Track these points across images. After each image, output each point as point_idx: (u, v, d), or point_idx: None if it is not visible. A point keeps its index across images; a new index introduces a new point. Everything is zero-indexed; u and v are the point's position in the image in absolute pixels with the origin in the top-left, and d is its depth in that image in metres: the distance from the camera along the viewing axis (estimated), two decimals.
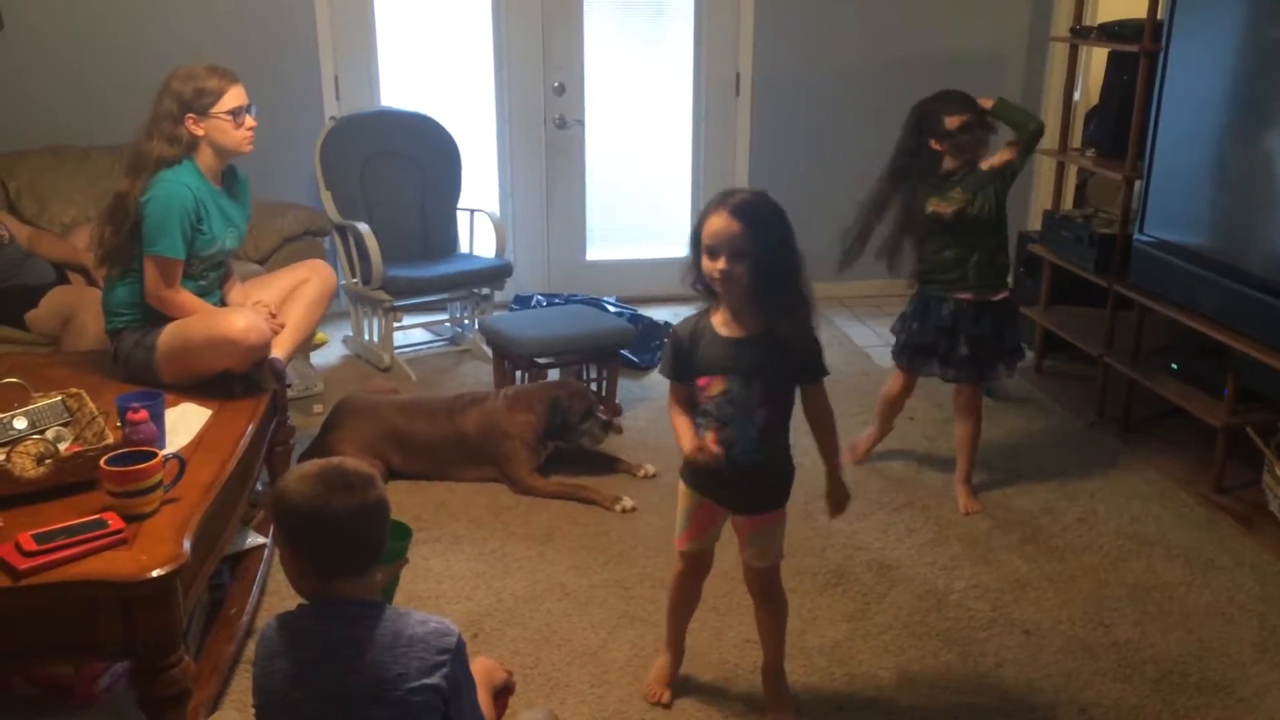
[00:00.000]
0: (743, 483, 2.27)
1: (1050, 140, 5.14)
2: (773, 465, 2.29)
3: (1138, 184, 3.86)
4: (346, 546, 1.69)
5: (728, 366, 2.19)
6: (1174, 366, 3.79)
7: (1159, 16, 3.78)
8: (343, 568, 1.71)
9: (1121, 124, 4.10)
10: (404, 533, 2.63)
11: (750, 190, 2.17)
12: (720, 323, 2.22)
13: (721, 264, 2.10)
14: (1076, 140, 4.73)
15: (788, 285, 2.16)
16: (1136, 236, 3.82)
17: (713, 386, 2.21)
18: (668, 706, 2.50)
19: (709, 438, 2.21)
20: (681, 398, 2.28)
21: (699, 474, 2.29)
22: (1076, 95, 4.76)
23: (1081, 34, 4.41)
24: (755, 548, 2.36)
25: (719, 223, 2.10)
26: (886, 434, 3.77)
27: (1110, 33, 4.25)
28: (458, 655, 1.70)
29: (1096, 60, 5.04)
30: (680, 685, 2.57)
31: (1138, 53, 3.91)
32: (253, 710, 1.76)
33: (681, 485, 2.38)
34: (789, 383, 2.24)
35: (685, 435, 2.25)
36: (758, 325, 2.19)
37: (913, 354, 3.48)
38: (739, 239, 2.09)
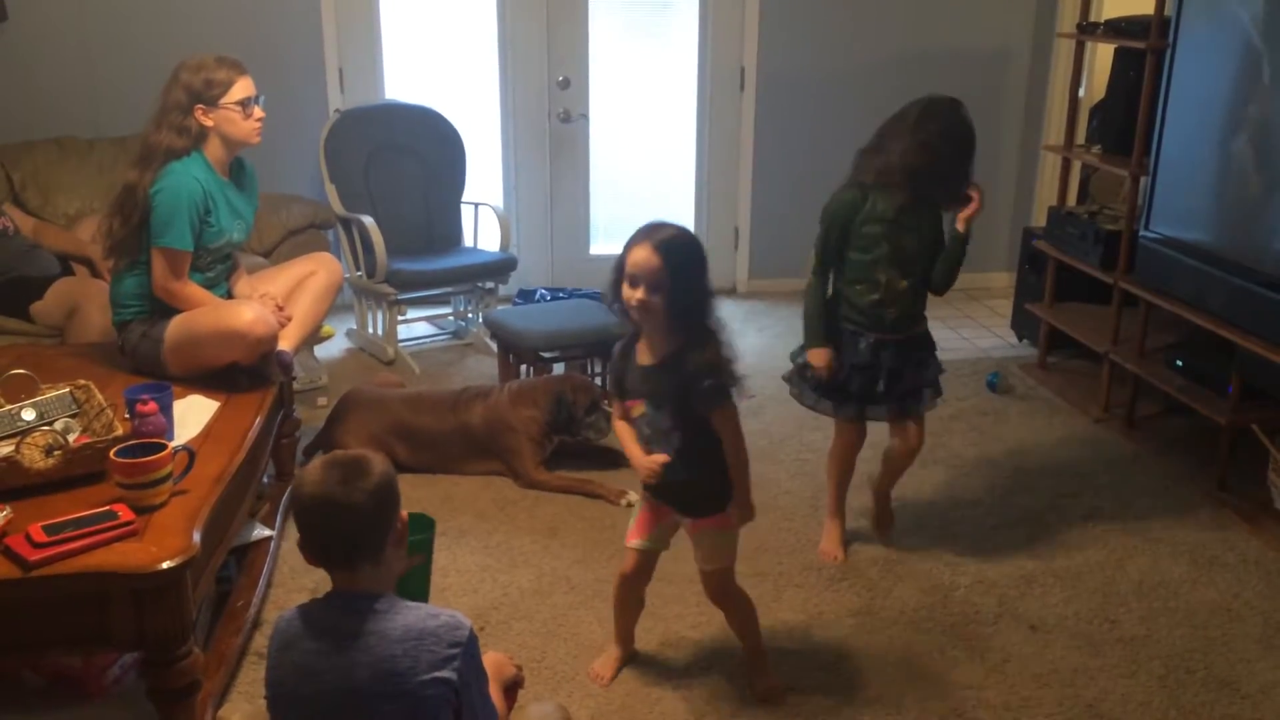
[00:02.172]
0: (673, 492, 2.41)
1: (1055, 136, 5.15)
2: (700, 480, 2.37)
3: (1143, 180, 3.86)
4: (346, 534, 1.70)
5: (642, 391, 2.33)
6: (1179, 363, 3.79)
7: (1166, 13, 3.77)
8: (347, 556, 1.72)
9: (1127, 120, 4.10)
10: (425, 525, 2.54)
11: (675, 227, 2.28)
12: (641, 349, 2.34)
13: (640, 294, 2.22)
14: (1081, 136, 4.72)
15: (699, 320, 2.28)
16: (1142, 233, 3.82)
17: (635, 409, 2.36)
18: (606, 685, 2.57)
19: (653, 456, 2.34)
20: (620, 412, 2.41)
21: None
22: (1081, 91, 4.75)
23: (1088, 30, 4.40)
24: (701, 550, 2.45)
25: (642, 255, 2.22)
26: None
27: (1117, 29, 4.24)
28: (469, 649, 1.70)
29: (1102, 56, 5.04)
30: (688, 670, 2.58)
31: (1144, 49, 3.91)
32: (262, 701, 1.77)
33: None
34: (695, 410, 2.29)
35: (627, 446, 2.40)
36: (667, 354, 2.29)
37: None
38: (658, 273, 2.20)
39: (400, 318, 4.68)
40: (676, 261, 2.21)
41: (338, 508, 1.68)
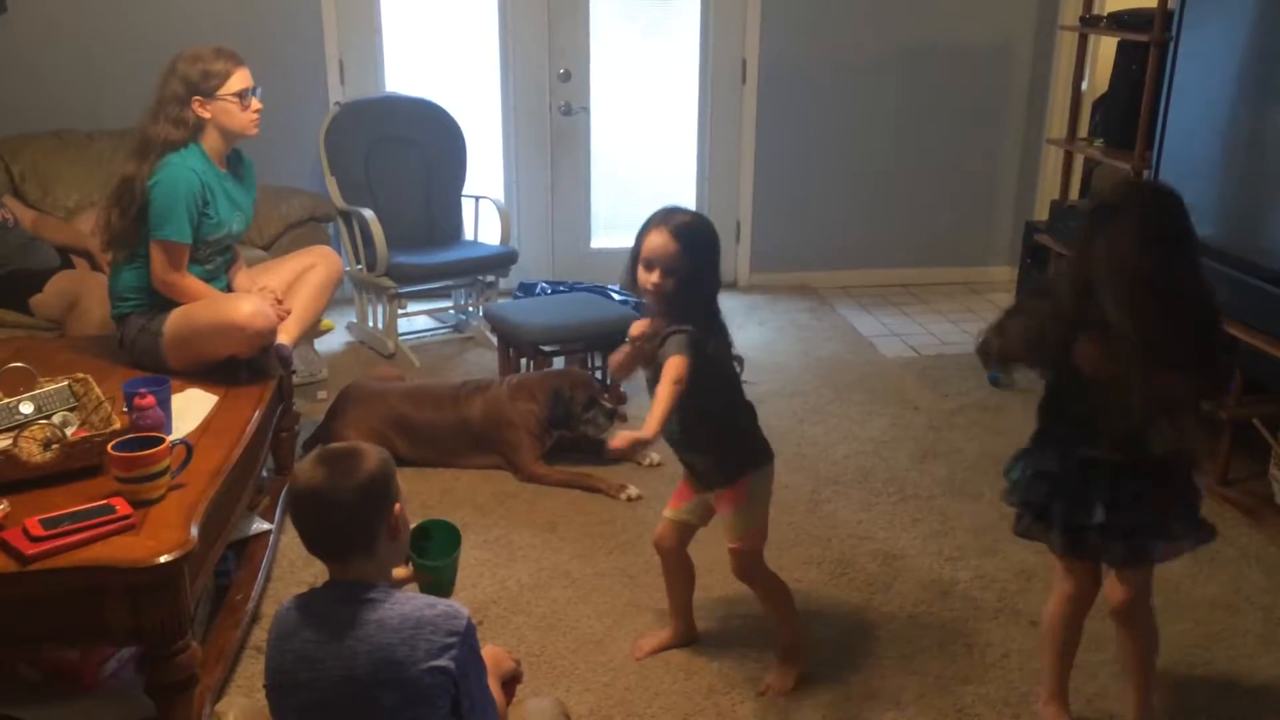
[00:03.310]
0: (686, 465, 2.51)
1: (1058, 130, 5.14)
2: (709, 451, 2.44)
3: (1146, 174, 3.85)
4: (334, 527, 1.71)
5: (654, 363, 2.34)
6: None
7: (1169, 6, 3.76)
8: (338, 548, 1.72)
9: (1130, 114, 4.09)
10: (451, 542, 2.11)
11: (691, 212, 2.33)
12: (644, 323, 2.38)
13: (655, 277, 2.26)
14: (1084, 130, 4.71)
15: (706, 305, 2.33)
16: None
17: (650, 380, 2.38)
18: (639, 658, 2.62)
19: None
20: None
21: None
22: (1084, 85, 4.74)
23: (1091, 23, 4.39)
24: (724, 526, 2.47)
25: (659, 239, 2.26)
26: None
27: (1120, 22, 4.23)
28: (467, 638, 1.70)
29: (1105, 49, 5.02)
30: (688, 664, 2.58)
31: (1148, 42, 3.90)
32: (260, 695, 1.77)
33: None
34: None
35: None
36: (657, 326, 2.33)
37: None
38: (674, 257, 2.24)
39: (400, 311, 4.67)
40: (692, 246, 2.25)
41: (325, 501, 1.69)
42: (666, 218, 2.28)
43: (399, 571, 1.93)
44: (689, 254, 2.25)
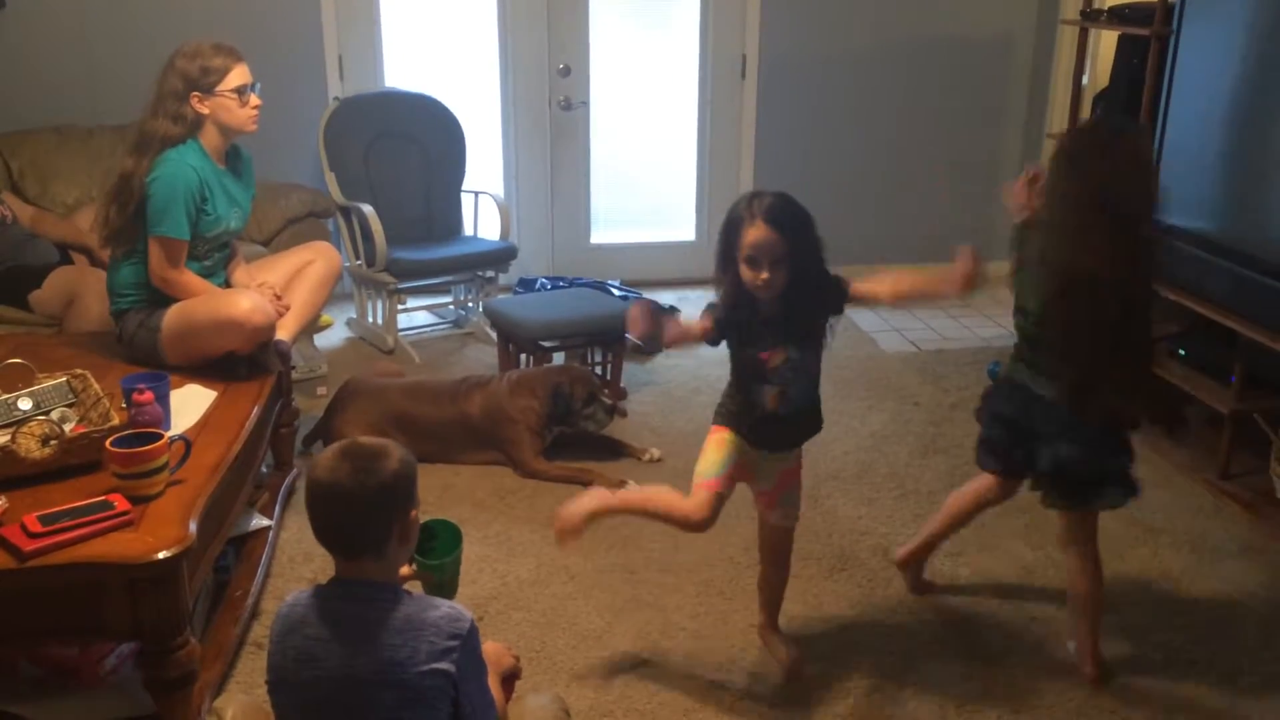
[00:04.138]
0: (796, 421, 2.42)
1: (1058, 124, 5.13)
2: (815, 403, 2.44)
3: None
4: (349, 525, 1.69)
5: (781, 339, 2.29)
6: (1182, 353, 3.77)
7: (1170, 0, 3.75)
8: (349, 546, 1.71)
9: (1131, 108, 4.08)
10: (453, 541, 2.09)
11: (772, 193, 2.22)
12: (763, 307, 2.29)
13: (765, 274, 2.18)
14: None
15: (820, 276, 2.27)
16: None
17: (775, 358, 2.31)
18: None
19: (772, 395, 2.33)
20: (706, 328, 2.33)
21: (770, 428, 2.38)
22: (1085, 79, 4.73)
23: (1091, 17, 4.38)
24: (786, 506, 2.49)
25: (759, 234, 2.16)
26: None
27: (1120, 16, 4.22)
28: (469, 641, 1.70)
29: (1106, 43, 5.01)
30: (688, 659, 2.58)
31: (1148, 36, 3.89)
32: (259, 692, 1.76)
33: (727, 434, 2.39)
34: (827, 318, 2.34)
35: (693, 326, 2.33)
36: (789, 294, 2.25)
37: None
38: (778, 247, 2.16)
39: (400, 307, 4.67)
40: (794, 230, 2.18)
41: (343, 498, 1.67)
42: (753, 208, 2.18)
43: (401, 570, 1.92)
44: (793, 238, 2.17)
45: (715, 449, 2.39)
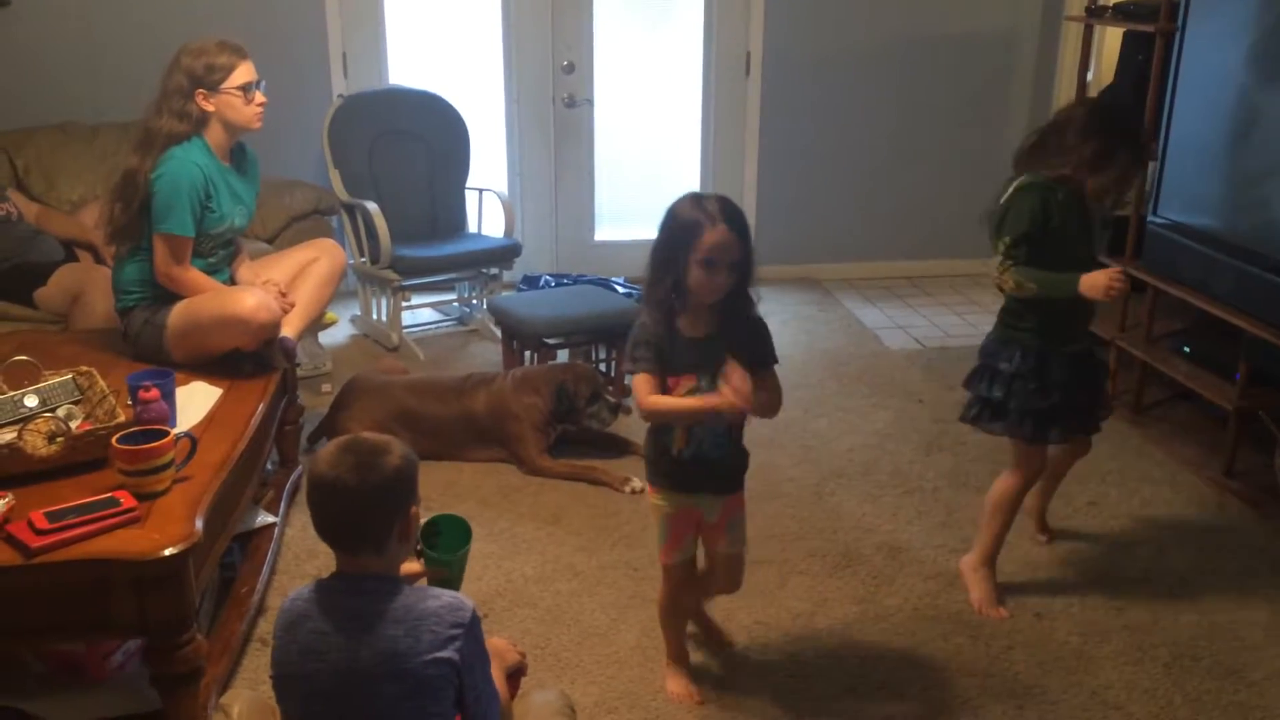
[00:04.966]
0: (726, 467, 2.34)
1: None
2: (737, 452, 2.35)
3: (1151, 165, 3.83)
4: (349, 519, 1.70)
5: (693, 365, 2.20)
6: (1186, 350, 3.77)
7: None
8: (350, 540, 1.72)
9: (1136, 105, 4.07)
10: (460, 537, 2.10)
11: (717, 196, 2.16)
12: (687, 323, 2.22)
13: (723, 277, 2.13)
14: None
15: (748, 285, 2.23)
16: (1150, 218, 3.79)
17: (683, 385, 2.21)
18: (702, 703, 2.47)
19: (679, 435, 2.25)
20: (650, 389, 2.21)
21: (684, 472, 2.30)
22: (1090, 75, 4.72)
23: (1096, 13, 4.37)
24: (734, 534, 2.40)
25: (720, 236, 2.11)
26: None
27: (1125, 12, 4.21)
28: (471, 630, 1.70)
29: (1110, 40, 5.00)
30: (691, 656, 2.58)
31: (1153, 32, 3.88)
32: (265, 688, 1.77)
33: (654, 498, 2.36)
34: (756, 359, 2.24)
35: (693, 401, 2.19)
36: (714, 325, 2.21)
37: None
38: (735, 250, 2.13)
39: (405, 304, 4.67)
40: (745, 233, 2.14)
41: (344, 493, 1.68)
42: (709, 210, 2.11)
43: (410, 566, 1.92)
44: (746, 241, 2.13)
45: (654, 517, 2.41)
